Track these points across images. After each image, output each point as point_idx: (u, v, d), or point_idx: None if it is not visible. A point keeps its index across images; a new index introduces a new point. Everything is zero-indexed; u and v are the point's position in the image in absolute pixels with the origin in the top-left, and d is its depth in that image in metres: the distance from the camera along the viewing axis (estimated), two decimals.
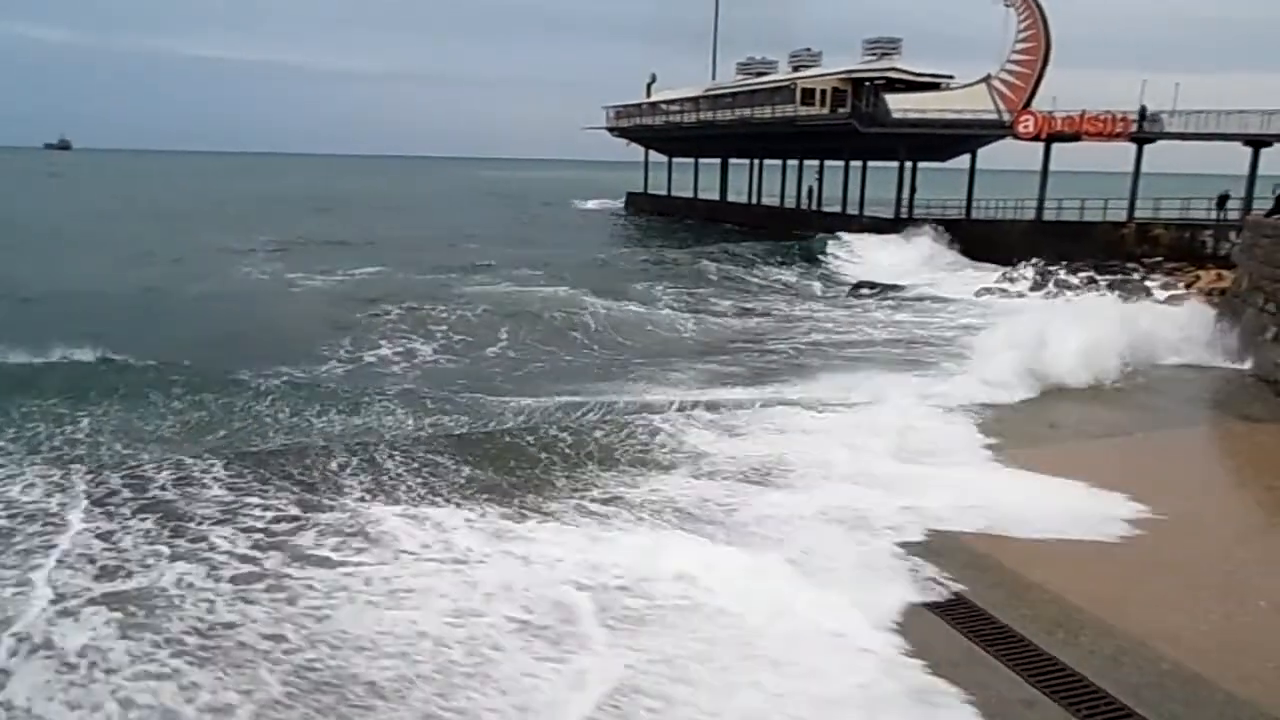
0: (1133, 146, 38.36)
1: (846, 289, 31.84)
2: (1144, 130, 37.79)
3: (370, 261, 34.36)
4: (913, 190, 45.64)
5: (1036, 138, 39.22)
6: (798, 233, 48.49)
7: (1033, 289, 30.73)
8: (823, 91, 46.94)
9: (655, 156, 72.86)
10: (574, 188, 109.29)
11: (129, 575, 8.02)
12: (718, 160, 63.74)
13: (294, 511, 9.58)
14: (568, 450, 11.92)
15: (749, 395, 15.24)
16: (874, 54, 47.14)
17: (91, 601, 7.50)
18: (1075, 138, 38.81)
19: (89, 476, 10.42)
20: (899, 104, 42.64)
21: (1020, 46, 40.03)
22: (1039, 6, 39.10)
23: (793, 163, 57.17)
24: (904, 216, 44.24)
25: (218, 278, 29.71)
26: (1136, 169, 38.55)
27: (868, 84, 45.10)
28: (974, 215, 43.12)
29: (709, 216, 61.25)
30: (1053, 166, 39.91)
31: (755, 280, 33.31)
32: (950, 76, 44.55)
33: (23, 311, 22.91)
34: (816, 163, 54.96)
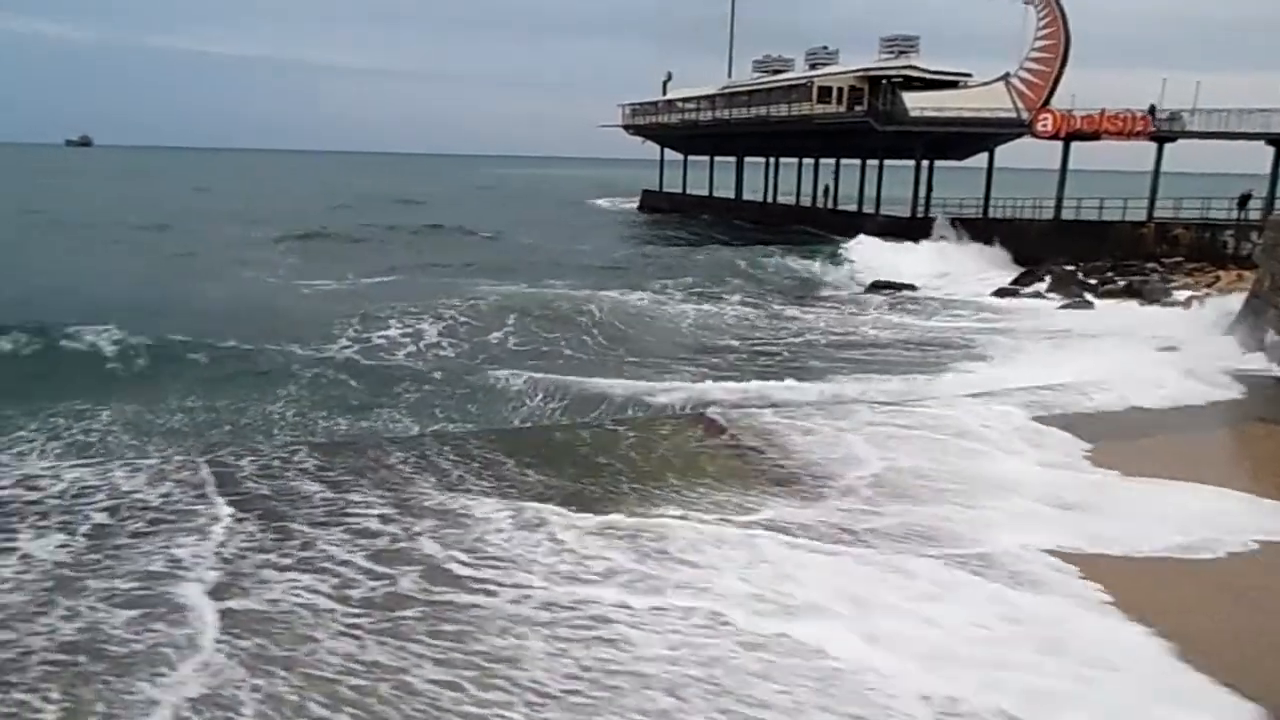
0: (1153, 145, 38.06)
1: (863, 288, 31.80)
2: (1163, 129, 37.48)
3: (411, 264, 34.39)
4: (929, 189, 45.45)
5: (1055, 136, 38.94)
6: (813, 231, 48.46)
7: (1050, 290, 30.52)
8: (839, 89, 46.78)
9: (671, 155, 72.83)
10: (588, 186, 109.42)
11: (244, 593, 7.07)
12: (733, 159, 63.67)
13: (389, 511, 8.90)
14: (673, 457, 11.51)
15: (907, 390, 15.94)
16: (891, 52, 46.95)
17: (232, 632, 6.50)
18: (1095, 136, 38.53)
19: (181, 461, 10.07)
20: (916, 102, 42.45)
21: (1040, 45, 39.75)
22: (1059, 5, 38.81)
23: (808, 161, 57.03)
24: (920, 215, 44.08)
25: (231, 281, 29.64)
26: (1156, 168, 38.23)
27: (885, 82, 44.91)
28: (992, 214, 42.89)
29: (724, 215, 61.21)
30: (1071, 165, 39.63)
31: (783, 280, 33.14)
32: (968, 75, 44.31)
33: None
34: (832, 161, 54.80)
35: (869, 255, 38.08)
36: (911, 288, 31.50)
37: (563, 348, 20.35)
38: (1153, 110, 37.45)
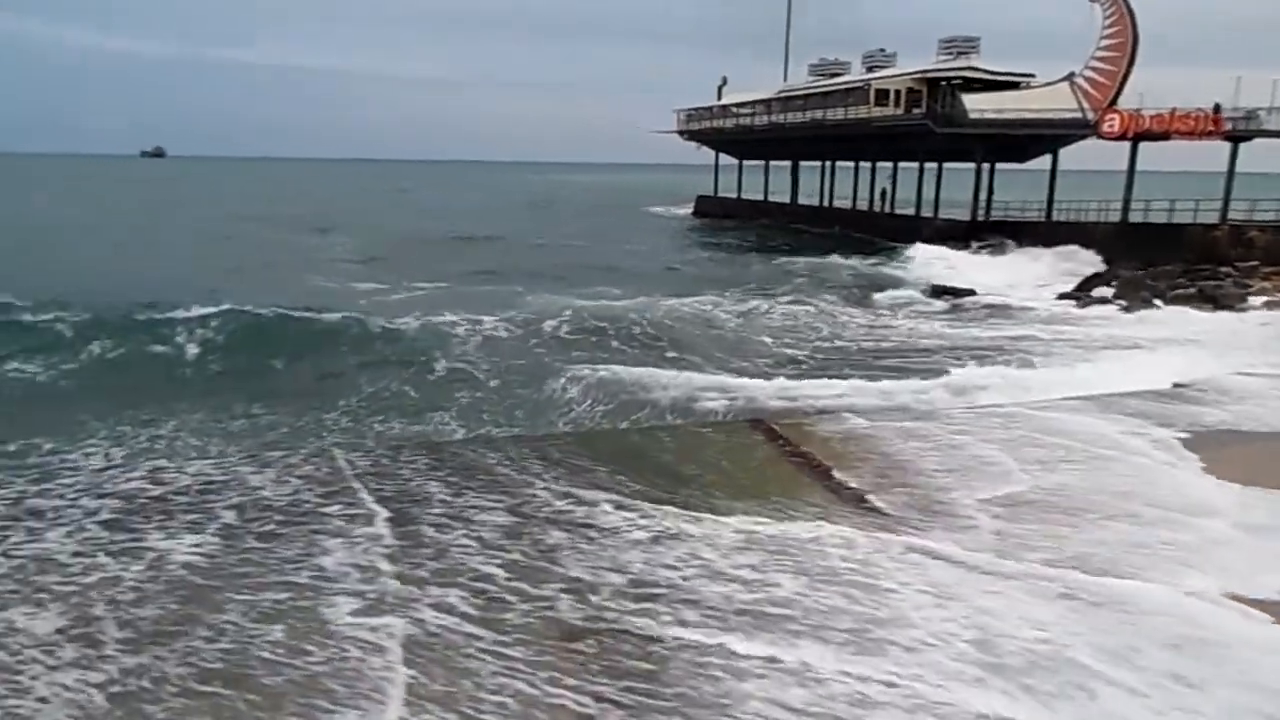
0: (1226, 145, 36.74)
1: (924, 292, 31.15)
2: (1238, 127, 36.16)
3: (474, 271, 34.84)
4: (990, 192, 44.52)
5: (1123, 137, 37.84)
6: (870, 236, 47.87)
7: (1118, 295, 29.60)
8: (897, 92, 46.16)
9: (725, 159, 72.62)
10: (642, 192, 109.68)
11: (393, 609, 6.16)
12: (789, 163, 63.23)
13: (510, 520, 8.25)
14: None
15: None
16: (950, 53, 46.17)
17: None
18: (1164, 137, 37.33)
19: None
20: (976, 104, 41.66)
21: (1106, 43, 38.69)
22: (1126, 2, 37.76)
23: (865, 165, 56.37)
24: (980, 219, 43.21)
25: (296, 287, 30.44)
26: (1230, 168, 36.89)
27: (944, 84, 44.17)
28: (1055, 218, 41.84)
29: (780, 219, 60.81)
30: (1139, 167, 38.46)
31: (844, 285, 32.62)
32: (1031, 75, 43.35)
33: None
34: (890, 165, 54.09)
35: (929, 261, 37.46)
36: (971, 293, 30.83)
37: (624, 351, 20.38)
38: (1217, 109, 36.21)
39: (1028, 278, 34.14)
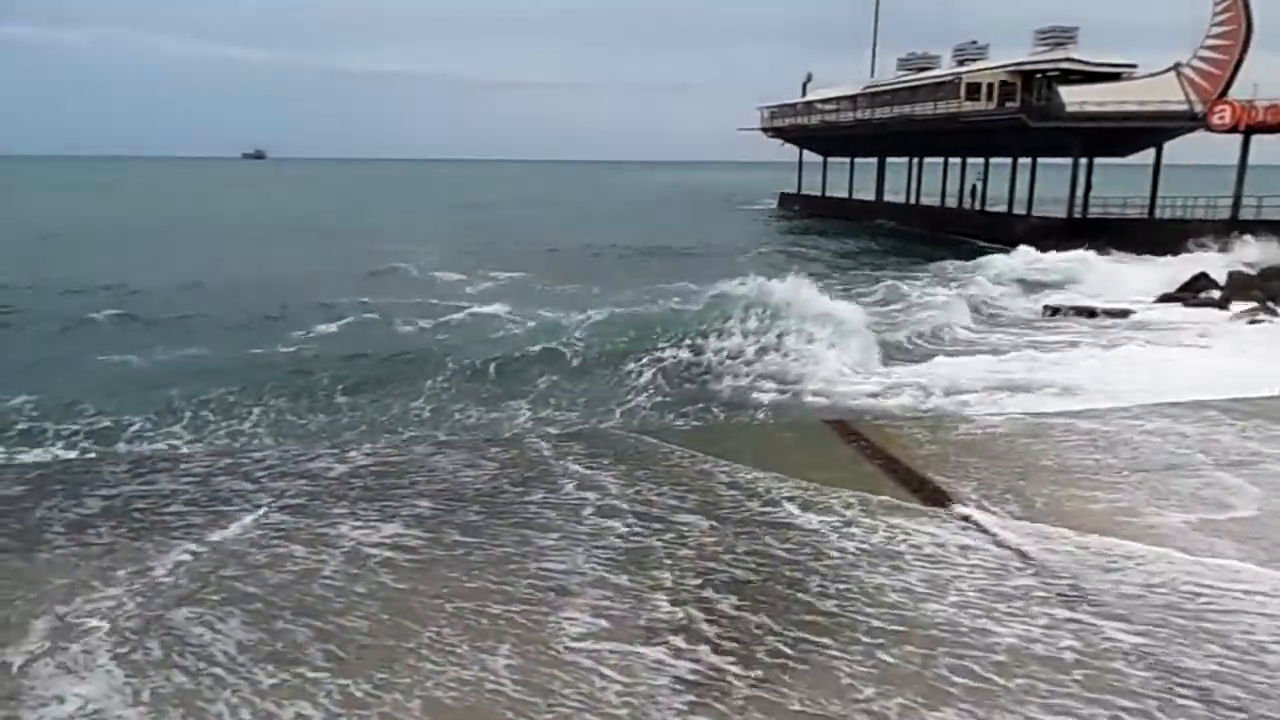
0: None
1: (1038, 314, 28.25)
2: None
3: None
4: (1088, 188, 42.72)
5: (1234, 129, 35.89)
6: (959, 234, 46.53)
7: (1227, 297, 27.99)
8: (989, 85, 44.74)
9: (810, 157, 71.66)
10: (727, 190, 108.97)
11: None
12: (874, 160, 61.98)
13: (707, 522, 7.85)
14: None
15: None
16: (1046, 44, 44.44)
17: None
18: None
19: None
20: (1074, 96, 40.04)
21: (1216, 31, 36.73)
22: None
23: (954, 161, 54.80)
24: (1078, 216, 41.52)
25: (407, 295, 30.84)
26: None
27: (1039, 76, 42.59)
28: (1158, 215, 39.94)
29: (865, 217, 59.64)
30: (1252, 161, 36.42)
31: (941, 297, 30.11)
32: (1133, 66, 41.44)
33: None
34: (980, 161, 52.46)
35: (1032, 265, 34.32)
36: (1091, 313, 26.29)
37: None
38: None
39: (1128, 277, 32.11)
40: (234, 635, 2.02)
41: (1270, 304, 26.43)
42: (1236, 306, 26.69)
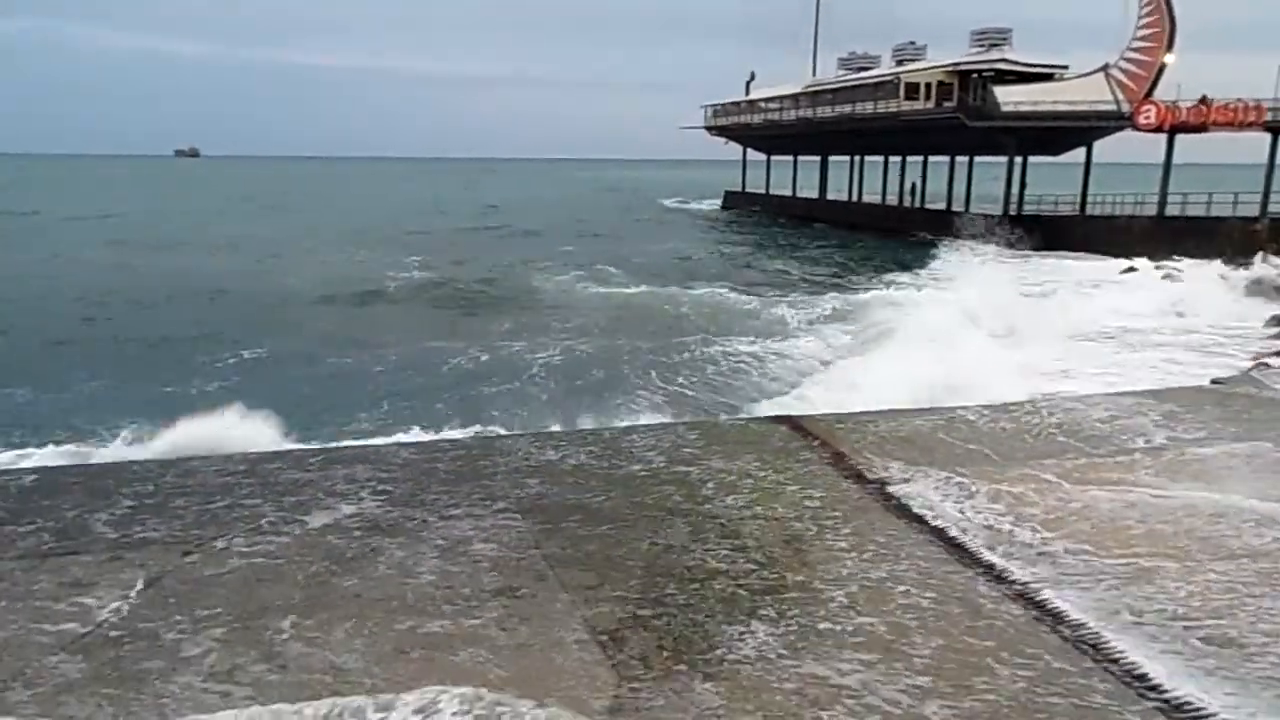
0: (1267, 137, 35.98)
1: None
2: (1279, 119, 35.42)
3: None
4: (1023, 186, 43.88)
5: (1159, 129, 37.18)
6: (900, 231, 47.42)
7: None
8: (927, 85, 45.65)
9: (754, 155, 72.30)
10: (670, 188, 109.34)
11: None
12: (817, 158, 62.79)
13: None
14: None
15: None
16: (982, 45, 45.56)
17: None
18: (1202, 129, 36.66)
19: None
20: (1009, 96, 41.08)
21: (1142, 33, 38.02)
22: None
23: (895, 159, 55.82)
24: (1013, 214, 42.63)
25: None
26: (1271, 161, 36.12)
27: (975, 76, 43.63)
28: (1090, 211, 41.19)
29: (808, 214, 60.39)
30: (1177, 160, 37.76)
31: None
32: (1064, 67, 42.69)
33: None
34: (920, 159, 53.52)
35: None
36: None
37: None
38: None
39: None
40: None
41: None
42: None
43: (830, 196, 61.73)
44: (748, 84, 68.68)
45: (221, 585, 2.00)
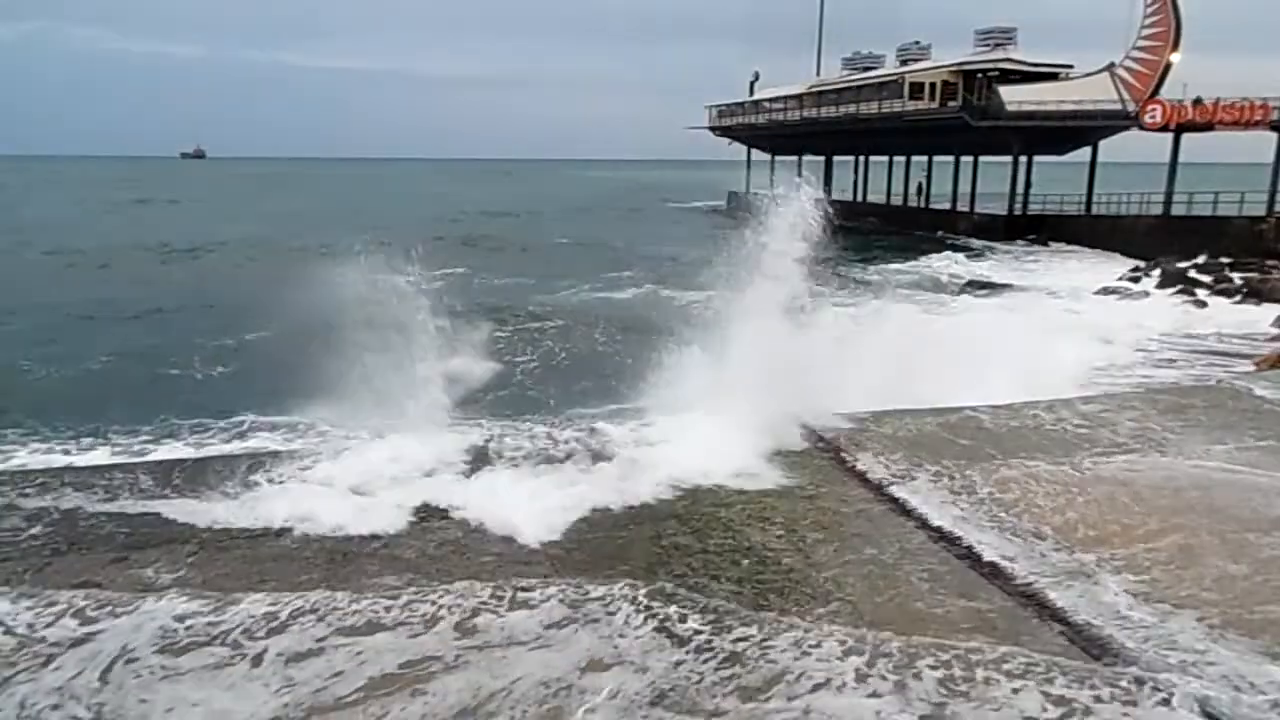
0: (1274, 136, 35.83)
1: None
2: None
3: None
4: (1028, 185, 43.81)
5: (1165, 128, 37.05)
6: (908, 231, 47.37)
7: (1159, 287, 28.91)
8: (932, 85, 45.58)
9: (758, 155, 72.27)
10: (677, 188, 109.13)
11: None
12: (821, 158, 62.75)
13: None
14: None
15: None
16: (987, 45, 45.47)
17: None
18: (1208, 127, 36.50)
19: None
20: (1013, 96, 41.01)
21: (1147, 32, 37.91)
22: None
23: (899, 159, 55.76)
24: (1018, 213, 42.57)
25: None
26: (1277, 159, 35.95)
27: (980, 76, 43.54)
28: (1095, 211, 41.07)
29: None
30: (1183, 159, 37.62)
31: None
32: (1069, 66, 42.62)
33: None
34: (924, 159, 53.45)
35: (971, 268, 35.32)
36: (1006, 286, 30.09)
37: None
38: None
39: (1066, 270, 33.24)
40: None
41: (1199, 294, 27.42)
42: (1165, 294, 27.75)
43: (834, 197, 61.56)
44: (751, 84, 68.69)
45: None
